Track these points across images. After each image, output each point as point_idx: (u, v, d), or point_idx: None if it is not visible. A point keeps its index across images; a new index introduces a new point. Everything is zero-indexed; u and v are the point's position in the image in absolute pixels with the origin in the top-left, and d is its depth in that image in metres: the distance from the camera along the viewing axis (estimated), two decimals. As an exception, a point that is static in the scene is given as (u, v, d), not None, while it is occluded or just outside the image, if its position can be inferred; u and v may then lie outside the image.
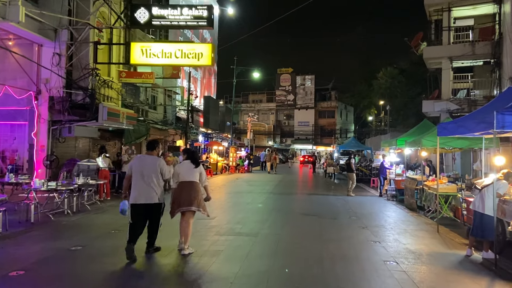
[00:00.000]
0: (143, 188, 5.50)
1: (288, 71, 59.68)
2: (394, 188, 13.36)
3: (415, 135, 13.07)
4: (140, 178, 5.52)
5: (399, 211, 10.94)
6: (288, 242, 6.81)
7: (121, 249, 5.97)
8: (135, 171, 5.59)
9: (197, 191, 5.81)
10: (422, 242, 7.03)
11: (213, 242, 6.54)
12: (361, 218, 9.37)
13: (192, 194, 5.75)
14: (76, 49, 13.41)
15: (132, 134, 16.88)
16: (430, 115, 19.71)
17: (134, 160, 6.03)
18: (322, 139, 57.18)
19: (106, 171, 11.66)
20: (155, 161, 5.67)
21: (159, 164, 5.66)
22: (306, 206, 11.47)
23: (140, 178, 5.52)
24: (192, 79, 34.11)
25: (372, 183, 18.51)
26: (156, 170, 5.58)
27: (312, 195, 14.23)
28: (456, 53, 18.55)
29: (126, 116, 15.18)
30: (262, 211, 10.07)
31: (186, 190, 5.75)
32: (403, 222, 9.09)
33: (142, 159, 5.85)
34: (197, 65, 14.68)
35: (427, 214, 10.06)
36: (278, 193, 14.65)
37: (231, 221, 8.35)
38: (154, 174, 5.55)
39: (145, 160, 5.75)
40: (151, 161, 5.67)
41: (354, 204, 12.07)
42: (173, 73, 18.88)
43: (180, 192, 5.79)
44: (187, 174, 5.82)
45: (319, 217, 9.45)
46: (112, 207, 10.21)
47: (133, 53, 12.79)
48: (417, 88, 34.05)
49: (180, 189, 5.79)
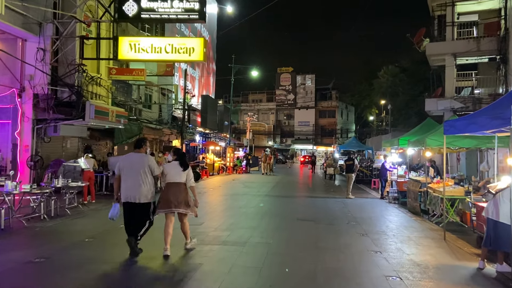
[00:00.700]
0: (131, 186, 5.49)
1: (288, 71, 59.07)
2: (396, 190, 12.68)
3: (418, 134, 12.40)
4: (128, 176, 5.52)
5: (401, 215, 10.26)
6: (279, 253, 6.12)
7: (89, 261, 5.34)
8: (123, 170, 5.59)
9: (184, 193, 5.77)
10: (428, 252, 6.36)
11: (193, 254, 5.86)
12: (360, 223, 8.69)
13: (179, 196, 5.69)
14: (62, 44, 12.76)
15: (123, 133, 16.22)
16: (432, 114, 19.01)
17: (122, 159, 5.93)
18: (323, 139, 56.56)
19: (91, 172, 11.00)
20: (143, 158, 5.65)
21: (146, 161, 5.63)
22: (302, 210, 10.78)
23: (128, 176, 5.52)
24: (190, 78, 33.48)
25: (373, 185, 17.83)
26: (144, 167, 5.55)
27: (310, 198, 13.53)
28: (460, 49, 17.86)
29: (116, 114, 14.54)
30: (254, 216, 9.39)
31: (173, 192, 5.69)
32: (406, 228, 8.41)
33: (130, 158, 5.78)
34: (189, 61, 14.02)
35: (431, 218, 9.38)
36: (274, 195, 13.98)
37: (219, 228, 7.68)
38: (142, 171, 5.53)
39: (133, 158, 5.71)
40: (139, 158, 5.65)
41: (354, 207, 11.39)
42: (166, 71, 18.22)
43: (167, 193, 5.72)
44: (174, 175, 5.77)
45: (315, 222, 8.76)
46: (95, 211, 9.55)
47: (121, 48, 12.14)
48: (419, 87, 33.38)
49: (167, 190, 5.73)
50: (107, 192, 12.87)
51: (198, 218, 6.72)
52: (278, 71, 59.42)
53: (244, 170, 27.49)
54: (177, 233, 5.91)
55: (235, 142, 40.39)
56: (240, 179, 20.95)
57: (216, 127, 33.39)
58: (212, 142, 27.75)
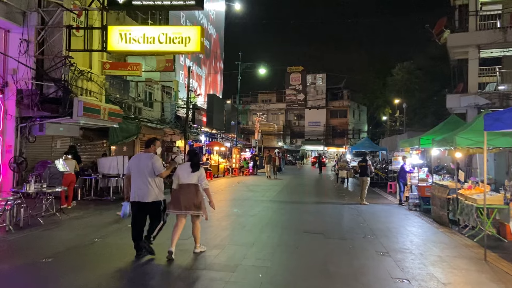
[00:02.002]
0: (139, 186, 5.53)
1: (299, 70, 57.63)
2: (417, 195, 11.26)
3: (443, 132, 10.98)
4: (136, 176, 5.57)
5: (426, 226, 8.85)
6: (277, 283, 4.78)
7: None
8: (132, 169, 5.65)
9: (195, 194, 5.69)
10: (469, 280, 5.00)
11: (166, 285, 4.60)
12: (379, 237, 7.34)
13: (190, 197, 5.64)
14: (48, 35, 11.69)
15: (119, 133, 15.06)
16: (454, 112, 17.47)
17: (131, 158, 5.94)
18: (334, 140, 54.96)
19: (71, 175, 9.85)
20: (148, 157, 5.63)
21: (151, 160, 5.60)
22: (310, 219, 9.39)
23: (136, 176, 5.57)
24: (196, 76, 32.40)
25: (389, 188, 16.38)
26: (149, 167, 5.55)
27: (319, 204, 12.12)
28: (485, 41, 16.33)
29: (109, 112, 13.38)
30: (253, 227, 8.08)
31: (184, 193, 5.65)
32: (435, 243, 7.02)
33: (138, 157, 5.82)
34: (185, 52, 12.80)
35: (463, 231, 7.98)
36: (280, 200, 12.65)
37: (209, 243, 6.39)
38: (148, 171, 5.55)
39: (141, 157, 5.76)
40: (145, 158, 5.66)
41: (369, 215, 10.02)
42: (166, 66, 17.12)
43: (178, 194, 5.69)
44: (185, 176, 5.73)
45: (325, 236, 7.41)
46: (73, 220, 8.38)
47: (111, 38, 11.02)
48: (436, 85, 31.71)
49: (179, 192, 5.71)
50: (96, 197, 11.74)
51: (187, 229, 5.91)
52: (288, 70, 58.02)
53: (251, 172, 26.21)
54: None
55: (242, 143, 39.15)
56: (245, 182, 19.67)
57: (223, 127, 32.20)
58: (217, 143, 26.54)
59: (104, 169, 12.11)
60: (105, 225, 7.83)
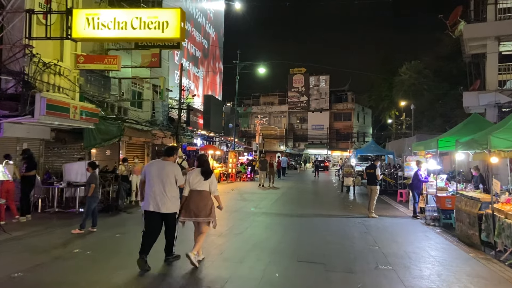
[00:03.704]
0: (156, 195, 5.33)
1: (301, 71, 56.05)
2: (435, 207, 9.52)
3: (465, 132, 9.29)
4: (154, 184, 5.36)
5: (452, 248, 7.11)
6: None
7: None
8: (150, 176, 5.43)
9: (206, 201, 5.58)
10: None
11: None
12: (396, 268, 5.63)
13: (200, 204, 5.53)
14: (7, 21, 10.16)
15: (96, 135, 13.43)
16: (470, 111, 15.72)
17: (149, 165, 5.71)
18: (338, 144, 53.22)
19: (10, 183, 8.21)
20: (170, 167, 5.50)
21: (173, 170, 5.49)
22: (308, 240, 7.58)
23: (154, 184, 5.36)
24: (193, 77, 30.88)
25: (399, 197, 14.63)
26: (170, 176, 5.41)
27: (320, 218, 10.26)
28: (506, 31, 14.63)
29: (82, 111, 11.77)
30: (234, 253, 6.31)
31: (194, 200, 5.54)
32: (471, 278, 5.29)
33: (157, 164, 5.58)
34: (162, 39, 11.17)
35: (500, 255, 6.26)
36: (274, 213, 10.90)
37: (169, 283, 4.71)
38: (169, 180, 5.39)
39: (160, 165, 5.53)
40: (167, 167, 5.49)
41: (381, 233, 8.30)
42: (152, 61, 15.48)
43: (188, 201, 5.59)
44: (196, 183, 5.59)
45: (325, 267, 5.66)
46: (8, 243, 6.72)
47: (76, 23, 9.39)
48: (445, 86, 29.93)
49: (189, 198, 5.59)
50: (60, 209, 10.10)
51: (158, 252, 5.32)
52: (291, 72, 56.45)
53: (250, 177, 24.52)
54: None
55: (241, 146, 37.51)
56: (240, 189, 17.94)
57: (222, 130, 30.61)
58: (211, 146, 24.90)
59: (71, 176, 10.49)
60: (46, 251, 6.17)
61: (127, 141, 17.56)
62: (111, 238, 7.28)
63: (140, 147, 19.60)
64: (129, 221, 9.23)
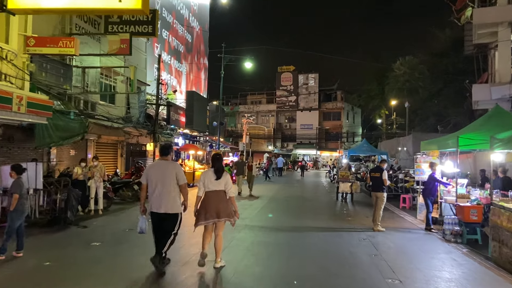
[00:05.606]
0: (159, 196, 5.23)
1: (290, 69, 54.43)
2: (456, 219, 7.81)
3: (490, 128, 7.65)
4: (159, 185, 5.24)
5: (490, 277, 5.36)
6: None
7: None
8: (153, 178, 5.29)
9: (225, 201, 5.47)
10: None
11: None
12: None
13: (219, 205, 5.41)
14: None
15: (53, 132, 11.41)
16: (478, 107, 14.20)
17: (151, 167, 5.58)
18: (327, 144, 51.72)
19: None
20: (170, 166, 5.37)
21: (175, 169, 5.35)
22: (300, 272, 5.56)
23: (159, 185, 5.24)
24: (175, 72, 28.85)
25: (402, 202, 12.95)
26: (172, 176, 5.28)
27: (314, 233, 8.35)
28: (520, 18, 13.13)
29: (30, 103, 9.78)
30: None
31: (212, 201, 5.40)
32: None
33: (157, 166, 5.46)
34: (119, 10, 9.09)
35: None
36: (258, 226, 8.88)
37: None
38: (172, 180, 5.27)
39: (161, 166, 5.39)
40: (166, 166, 5.36)
41: (395, 255, 6.54)
42: (120, 48, 13.42)
43: (206, 203, 5.42)
44: (210, 183, 5.46)
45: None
46: None
47: (12, -9, 7.45)
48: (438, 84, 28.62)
49: (206, 200, 5.44)
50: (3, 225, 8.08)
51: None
52: (279, 70, 54.79)
53: (234, 180, 22.62)
54: None
55: (227, 146, 35.62)
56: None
57: (206, 129, 28.71)
58: (192, 145, 22.96)
59: (7, 181, 8.47)
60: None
61: (95, 140, 15.53)
62: (36, 269, 5.35)
63: (112, 146, 17.57)
64: (76, 238, 7.30)
